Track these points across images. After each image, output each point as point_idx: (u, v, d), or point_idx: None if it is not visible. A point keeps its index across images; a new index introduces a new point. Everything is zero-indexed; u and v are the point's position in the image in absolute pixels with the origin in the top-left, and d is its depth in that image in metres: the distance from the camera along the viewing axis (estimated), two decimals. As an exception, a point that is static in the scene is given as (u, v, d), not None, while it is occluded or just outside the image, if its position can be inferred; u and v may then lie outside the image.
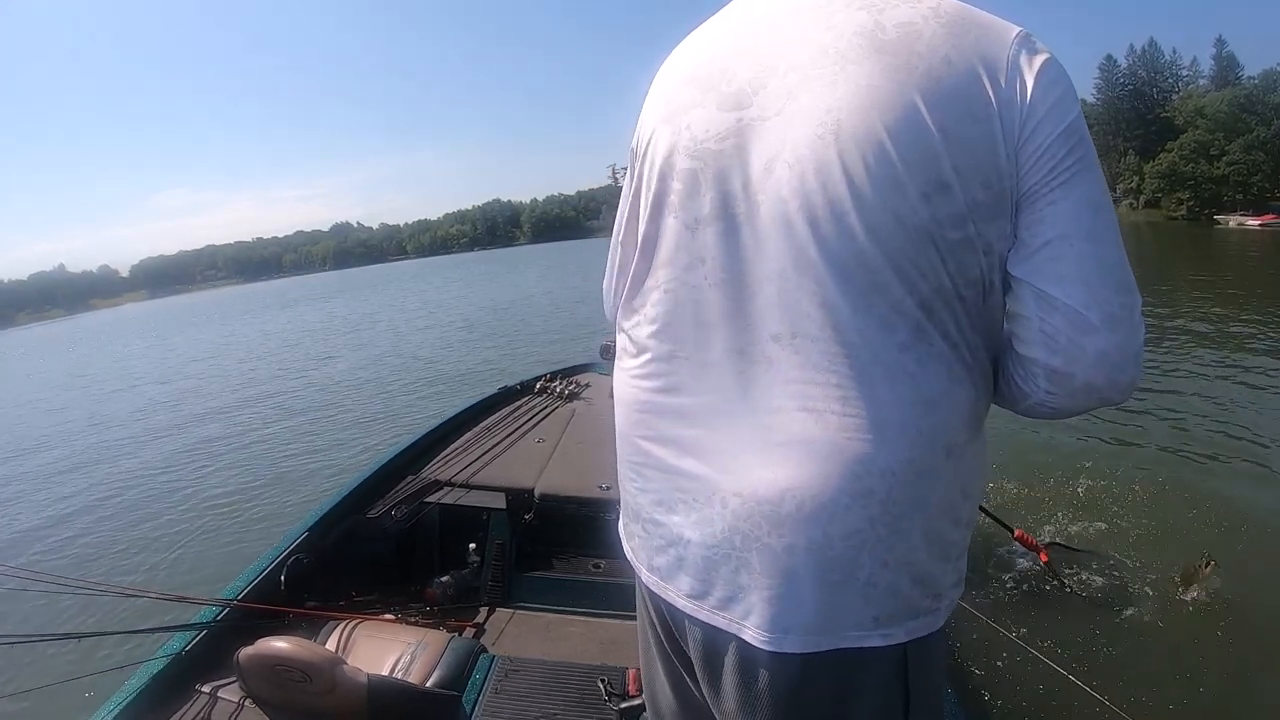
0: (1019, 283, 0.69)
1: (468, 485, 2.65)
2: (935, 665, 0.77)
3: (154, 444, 8.41)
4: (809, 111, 0.69)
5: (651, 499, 0.81)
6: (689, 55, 0.82)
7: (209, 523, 5.30)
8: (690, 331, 0.77)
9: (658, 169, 0.79)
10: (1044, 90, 0.66)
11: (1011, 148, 0.65)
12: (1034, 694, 2.45)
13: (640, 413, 0.82)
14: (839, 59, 0.69)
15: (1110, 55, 48.14)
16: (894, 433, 0.68)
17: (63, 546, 5.35)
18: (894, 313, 0.67)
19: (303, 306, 36.96)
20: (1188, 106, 41.95)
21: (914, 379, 0.68)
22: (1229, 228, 29.37)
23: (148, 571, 4.55)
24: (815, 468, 0.68)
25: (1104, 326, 0.65)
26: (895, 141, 0.65)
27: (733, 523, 0.72)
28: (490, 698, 1.82)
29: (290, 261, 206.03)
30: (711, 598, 0.75)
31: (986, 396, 0.76)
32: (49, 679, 1.92)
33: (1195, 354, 7.26)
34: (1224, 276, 14.73)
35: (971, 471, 0.74)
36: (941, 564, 0.73)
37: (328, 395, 10.10)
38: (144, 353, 23.95)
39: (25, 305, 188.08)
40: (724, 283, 0.74)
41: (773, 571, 0.70)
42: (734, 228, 0.73)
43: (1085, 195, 0.66)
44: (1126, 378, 0.68)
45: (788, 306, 0.70)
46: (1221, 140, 37.32)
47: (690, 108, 0.77)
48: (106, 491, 6.65)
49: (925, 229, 0.66)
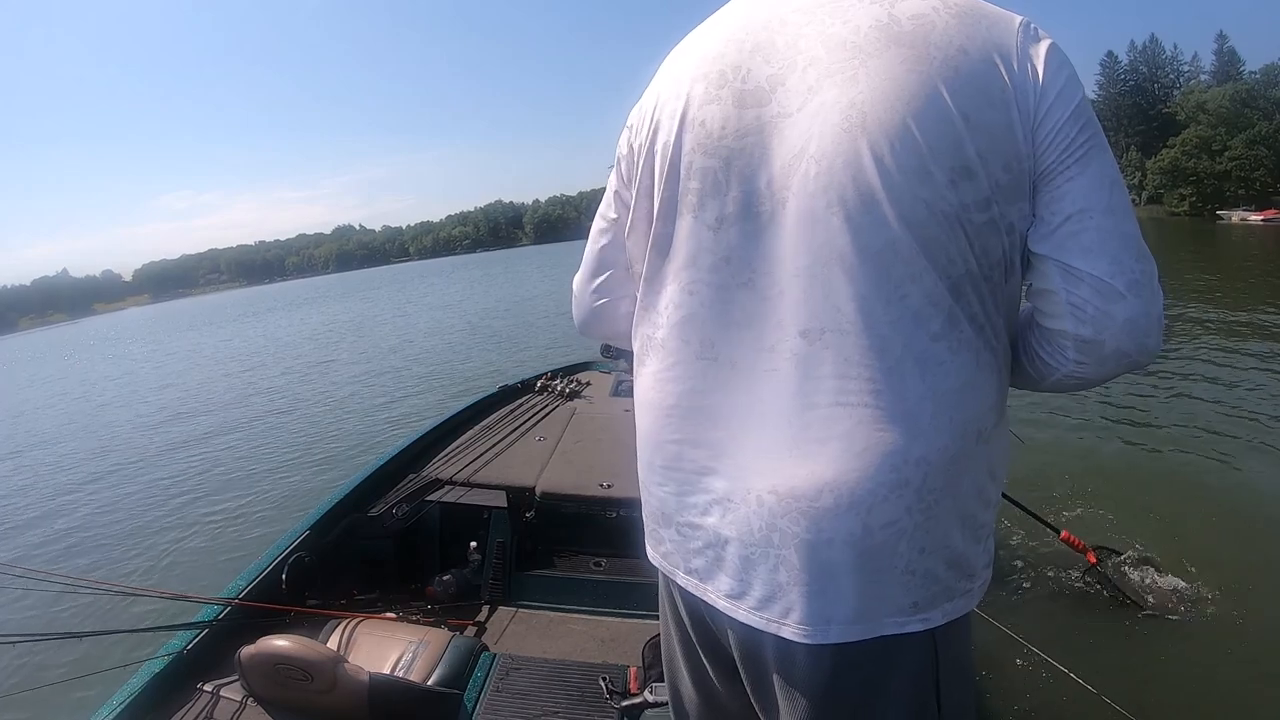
0: (1042, 259, 0.70)
1: (468, 484, 2.65)
2: (963, 644, 0.78)
3: (155, 446, 8.42)
4: (833, 105, 0.69)
5: (685, 501, 0.81)
6: (698, 52, 0.80)
7: (210, 522, 5.31)
8: (717, 332, 0.77)
9: (671, 168, 0.79)
10: (1054, 74, 0.68)
11: (1028, 130, 0.68)
12: (1061, 705, 2.38)
13: (668, 415, 0.82)
14: (858, 53, 0.70)
15: (1111, 51, 48.27)
16: (928, 422, 0.69)
17: (65, 546, 5.35)
18: (927, 302, 0.69)
19: (306, 309, 37.01)
20: (1189, 102, 41.82)
21: (945, 367, 0.69)
22: (1232, 223, 29.30)
23: (149, 571, 4.55)
24: (851, 461, 0.69)
25: (1130, 293, 0.67)
26: (921, 130, 0.66)
27: (770, 520, 0.72)
28: (491, 696, 1.81)
29: (293, 264, 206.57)
30: (750, 597, 0.75)
31: (1008, 379, 0.77)
32: (51, 677, 1.93)
33: (1210, 349, 7.24)
34: (1240, 271, 14.64)
35: (998, 453, 0.76)
36: (974, 545, 0.75)
37: (328, 394, 10.12)
38: (148, 356, 23.99)
39: (28, 310, 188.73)
40: (751, 281, 0.74)
41: (812, 566, 0.71)
42: (760, 226, 0.73)
43: (1100, 171, 0.68)
44: (1154, 341, 0.70)
45: (818, 302, 0.70)
46: (1223, 136, 37.22)
47: (705, 104, 0.76)
48: (110, 491, 6.67)
49: (954, 214, 0.67)
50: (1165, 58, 47.71)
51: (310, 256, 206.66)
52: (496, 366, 10.10)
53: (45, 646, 2.04)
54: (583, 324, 1.04)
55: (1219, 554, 3.21)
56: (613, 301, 0.97)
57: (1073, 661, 2.30)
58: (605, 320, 1.00)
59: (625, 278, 0.95)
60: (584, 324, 1.04)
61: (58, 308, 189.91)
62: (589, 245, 0.97)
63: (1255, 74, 40.60)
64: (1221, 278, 13.46)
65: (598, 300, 0.98)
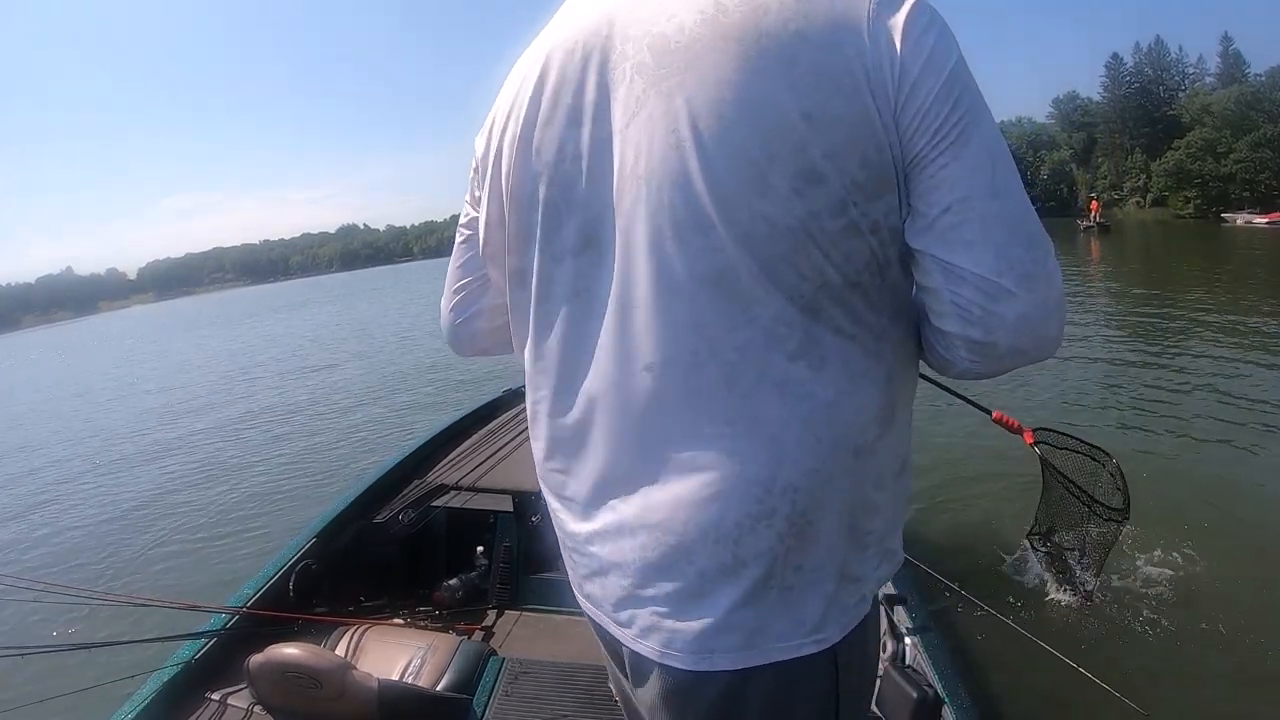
0: (921, 255, 0.63)
1: (474, 488, 2.65)
2: (864, 650, 0.75)
3: (159, 453, 8.42)
4: (659, 119, 0.63)
5: (572, 530, 0.78)
6: (532, 66, 0.72)
7: (216, 530, 5.31)
8: (576, 367, 0.72)
9: (515, 200, 0.73)
10: (915, 43, 0.59)
11: (889, 115, 0.59)
12: (1046, 688, 2.44)
13: (547, 445, 0.78)
14: (683, 54, 0.62)
15: (1116, 53, 47.80)
16: (792, 447, 0.64)
17: (68, 556, 5.36)
18: (778, 323, 0.62)
19: (312, 309, 37.04)
20: (1194, 104, 41.59)
21: (807, 387, 0.64)
22: (1236, 226, 29.16)
23: (156, 580, 4.56)
24: (713, 494, 0.65)
25: (1020, 289, 0.60)
26: (755, 139, 0.59)
27: (642, 554, 0.69)
28: (500, 700, 1.82)
29: (297, 263, 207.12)
30: (635, 625, 0.72)
31: (903, 376, 0.71)
32: (60, 688, 1.93)
33: (1207, 345, 7.22)
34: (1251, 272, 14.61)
35: (887, 461, 0.70)
36: (862, 554, 0.70)
37: (331, 400, 10.12)
38: (154, 357, 24.01)
39: (32, 308, 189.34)
40: (601, 314, 0.69)
41: (689, 597, 0.67)
42: (602, 256, 0.68)
43: (980, 151, 0.60)
44: (1053, 334, 0.64)
45: (660, 334, 0.65)
46: (1228, 138, 37.01)
47: (541, 126, 0.70)
48: (112, 499, 6.68)
49: (801, 226, 0.60)
50: (1170, 60, 47.46)
51: (315, 256, 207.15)
52: (500, 370, 10.09)
53: (53, 658, 2.05)
54: (450, 345, 0.99)
55: (1206, 530, 3.33)
56: (469, 320, 0.93)
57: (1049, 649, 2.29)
58: (465, 340, 0.96)
59: (482, 291, 0.90)
60: (451, 344, 0.99)
61: (62, 306, 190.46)
62: (450, 261, 0.92)
63: (1260, 76, 40.41)
64: (1226, 280, 13.41)
65: (455, 320, 0.93)
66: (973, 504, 3.96)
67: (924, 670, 1.73)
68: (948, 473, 4.32)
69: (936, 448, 4.60)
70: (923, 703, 1.55)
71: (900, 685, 1.60)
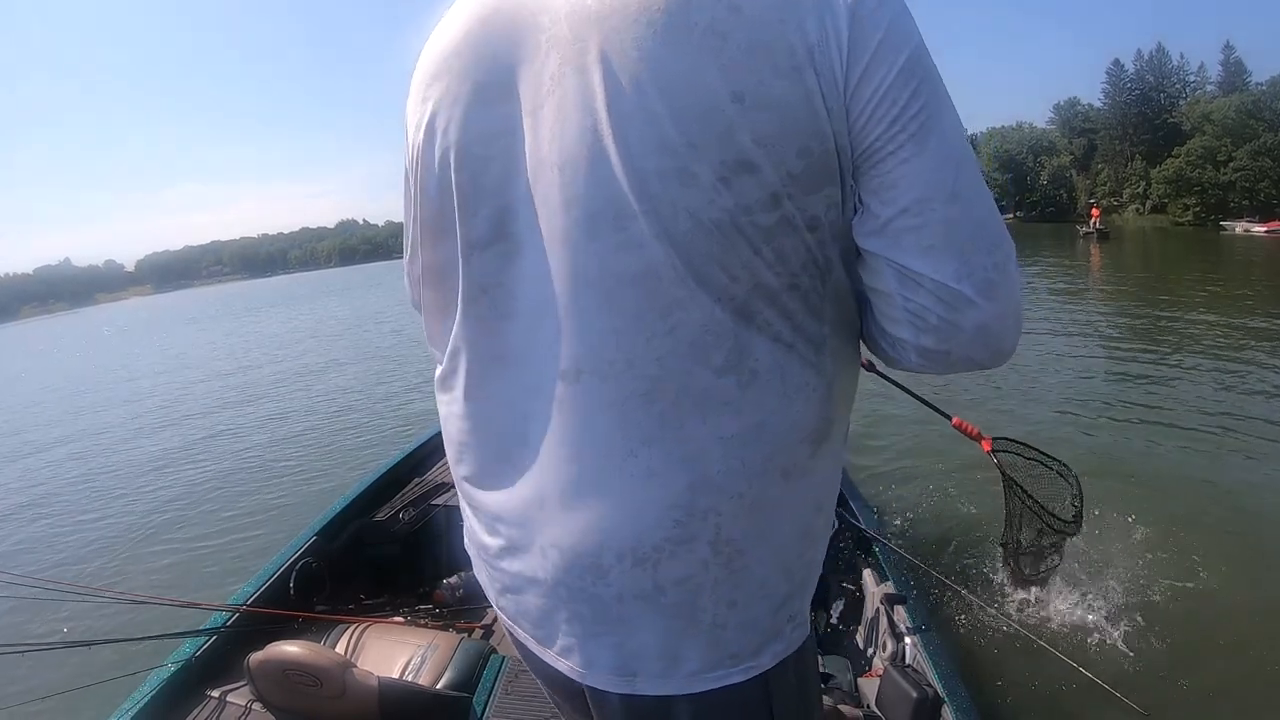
0: (874, 257, 0.57)
1: None
2: (803, 673, 0.69)
3: (158, 452, 8.39)
4: (575, 98, 0.56)
5: (484, 541, 0.72)
6: (443, 40, 0.66)
7: (216, 528, 5.28)
8: (485, 370, 0.67)
9: (423, 189, 0.67)
10: (868, 20, 0.53)
11: (836, 100, 0.53)
12: (1046, 688, 2.44)
13: (458, 450, 0.73)
14: (602, 26, 0.56)
15: (1118, 60, 47.88)
16: (715, 469, 0.58)
17: (69, 553, 5.34)
18: (704, 332, 0.56)
19: (313, 303, 36.99)
20: (1195, 112, 41.74)
21: (733, 405, 0.58)
22: (1235, 234, 29.25)
23: (157, 578, 4.54)
24: (628, 516, 0.59)
25: (980, 297, 0.55)
26: (678, 122, 0.53)
27: (556, 575, 0.63)
28: (501, 698, 1.82)
29: (296, 258, 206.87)
30: (556, 645, 0.67)
31: (843, 390, 0.65)
32: (61, 686, 1.93)
33: (1200, 358, 7.24)
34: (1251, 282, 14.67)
35: (823, 483, 0.65)
36: (795, 584, 0.65)
37: (331, 399, 10.09)
38: (142, 354, 23.97)
39: (30, 298, 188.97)
40: (512, 314, 0.63)
41: (608, 620, 0.62)
42: (513, 248, 0.62)
43: (941, 146, 0.54)
44: (1008, 347, 0.59)
45: (574, 339, 0.59)
46: (1229, 146, 37.12)
47: (450, 106, 0.63)
48: (117, 498, 6.65)
49: (729, 220, 0.54)
50: (1172, 67, 47.51)
51: (313, 250, 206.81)
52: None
53: (54, 655, 2.04)
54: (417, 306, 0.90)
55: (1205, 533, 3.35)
56: None
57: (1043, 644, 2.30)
58: None
59: None
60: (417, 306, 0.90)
61: (60, 297, 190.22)
62: None
63: (1262, 85, 40.46)
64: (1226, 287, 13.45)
65: (416, 298, 0.83)
66: (973, 504, 3.97)
67: (924, 670, 1.74)
68: (948, 473, 4.32)
69: (936, 447, 4.60)
70: (923, 702, 1.56)
71: (900, 685, 1.61)
